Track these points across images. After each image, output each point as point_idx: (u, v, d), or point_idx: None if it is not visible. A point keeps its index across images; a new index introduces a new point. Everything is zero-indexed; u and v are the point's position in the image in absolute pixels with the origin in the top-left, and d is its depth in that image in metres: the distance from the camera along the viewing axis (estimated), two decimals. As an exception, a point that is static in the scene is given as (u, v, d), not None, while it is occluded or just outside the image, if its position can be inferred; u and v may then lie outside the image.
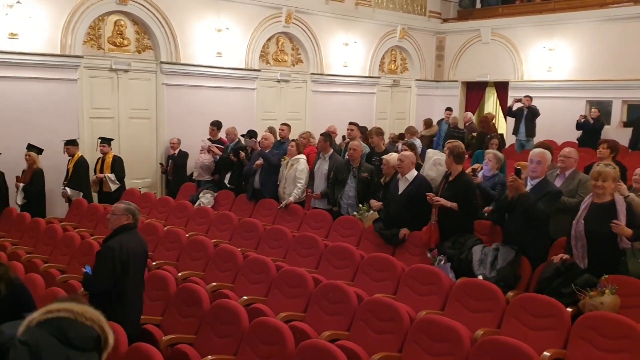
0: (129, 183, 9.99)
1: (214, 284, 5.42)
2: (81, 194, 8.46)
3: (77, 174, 8.50)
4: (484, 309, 4.52)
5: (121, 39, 9.85)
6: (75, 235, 6.60)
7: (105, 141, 8.91)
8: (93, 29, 9.50)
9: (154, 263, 6.04)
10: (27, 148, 8.24)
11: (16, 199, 8.17)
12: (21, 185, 8.12)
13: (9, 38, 8.50)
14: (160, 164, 10.33)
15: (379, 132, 8.06)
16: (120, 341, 3.76)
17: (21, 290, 3.33)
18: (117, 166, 8.81)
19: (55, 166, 8.56)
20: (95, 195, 8.93)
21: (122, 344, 3.76)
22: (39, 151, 8.31)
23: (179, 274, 5.64)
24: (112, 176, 8.71)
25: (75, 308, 2.78)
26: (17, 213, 7.80)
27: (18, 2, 8.45)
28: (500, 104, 14.75)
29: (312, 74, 12.52)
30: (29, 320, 2.75)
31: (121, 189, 8.79)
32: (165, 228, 7.08)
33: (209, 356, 3.96)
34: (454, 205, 5.62)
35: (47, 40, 8.86)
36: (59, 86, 9.06)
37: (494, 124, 12.54)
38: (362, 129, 9.15)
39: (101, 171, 8.75)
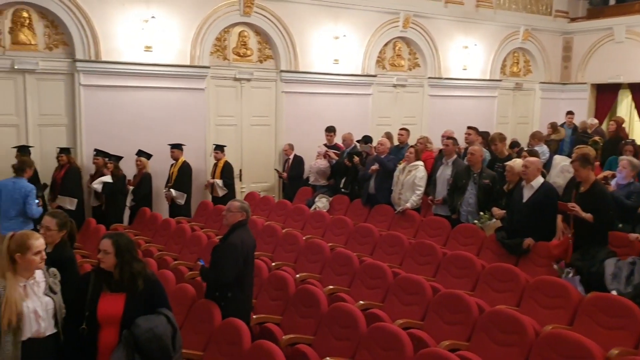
0: (250, 187, 10.44)
1: (331, 287, 5.48)
2: (185, 195, 8.82)
3: (181, 178, 8.86)
4: (618, 327, 4.18)
5: (245, 50, 10.30)
6: (202, 235, 6.97)
7: (219, 148, 9.28)
8: (219, 41, 10.01)
9: (273, 263, 6.22)
10: (137, 154, 8.77)
11: (126, 200, 8.74)
12: (130, 188, 8.71)
13: (145, 51, 9.18)
14: (276, 169, 10.64)
15: (502, 138, 7.75)
16: (243, 338, 3.91)
17: (157, 285, 3.55)
18: (226, 172, 9.15)
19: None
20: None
21: (245, 341, 3.90)
22: (148, 157, 8.82)
23: (297, 275, 5.76)
24: (220, 182, 9.08)
25: None
26: (150, 213, 8.38)
27: (153, 17, 9.12)
28: (636, 107, 13.61)
29: (429, 78, 12.33)
30: None
31: (230, 195, 8.95)
32: (284, 230, 7.28)
33: (328, 358, 3.99)
34: (588, 216, 5.27)
35: (178, 52, 9.48)
36: (188, 95, 9.64)
37: (623, 129, 11.62)
38: (484, 134, 8.84)
39: (213, 177, 9.15)
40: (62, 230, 3.99)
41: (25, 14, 8.44)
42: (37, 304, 3.22)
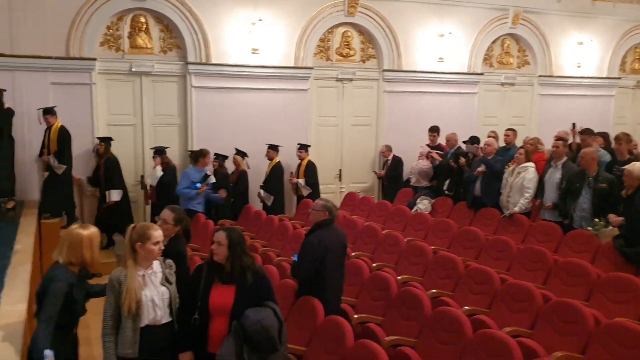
0: (349, 187, 10.47)
1: (434, 290, 5.35)
2: (272, 197, 8.98)
3: (272, 178, 9.07)
4: None
5: (347, 50, 10.34)
6: (303, 233, 7.05)
7: (303, 147, 9.35)
8: (323, 41, 10.12)
9: (374, 264, 6.18)
10: (235, 153, 9.03)
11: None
12: (230, 185, 8.89)
13: (252, 53, 9.47)
14: (373, 171, 10.58)
15: (629, 139, 7.17)
16: (346, 336, 3.91)
17: (265, 279, 3.64)
18: (309, 172, 9.19)
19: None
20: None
21: (348, 339, 3.90)
22: (243, 155, 9.06)
23: (399, 277, 5.68)
24: (302, 181, 9.15)
25: None
26: (254, 210, 8.62)
27: (260, 20, 9.38)
28: None
29: (539, 76, 11.75)
30: None
31: (314, 194, 8.99)
32: (384, 232, 7.22)
33: (431, 362, 3.90)
34: None
35: (283, 54, 9.69)
36: (292, 96, 9.83)
37: None
38: (604, 135, 8.27)
39: (297, 176, 9.24)
40: (177, 225, 4.16)
41: (142, 19, 8.97)
42: (154, 293, 3.40)
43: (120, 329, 3.33)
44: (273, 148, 9.16)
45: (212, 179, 8.32)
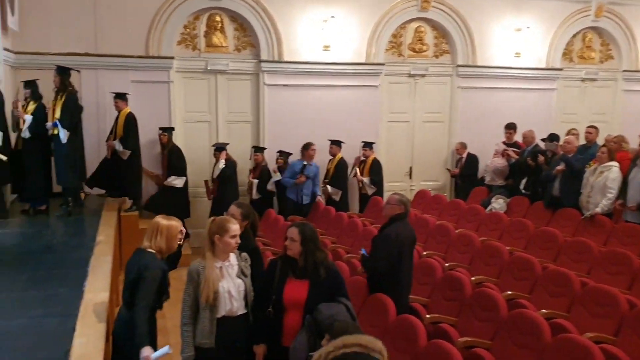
0: (420, 185, 10.32)
1: (510, 292, 5.19)
2: (340, 192, 8.95)
3: (337, 174, 9.04)
4: None
5: (420, 45, 10.19)
6: (373, 230, 7.01)
7: (367, 145, 9.26)
8: (395, 37, 10.02)
9: (447, 264, 6.06)
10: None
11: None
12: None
13: (323, 50, 9.50)
14: (447, 169, 10.38)
15: None
16: (419, 336, 3.85)
17: (337, 275, 3.64)
18: (374, 170, 9.07)
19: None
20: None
21: (421, 339, 3.84)
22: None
23: (473, 278, 5.54)
24: (366, 180, 9.05)
25: (364, 341, 2.92)
26: (323, 206, 8.65)
27: (332, 17, 9.39)
28: None
29: (624, 71, 11.15)
30: (325, 353, 2.98)
31: (378, 194, 8.92)
32: (457, 231, 7.07)
33: (508, 366, 3.78)
34: None
35: (354, 51, 9.66)
36: (362, 92, 9.79)
37: None
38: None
39: (362, 174, 9.14)
40: (245, 221, 4.16)
41: (218, 18, 9.18)
42: (231, 285, 3.47)
43: (198, 319, 3.42)
44: (336, 144, 9.18)
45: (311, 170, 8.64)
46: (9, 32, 7.68)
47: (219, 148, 8.75)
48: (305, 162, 8.60)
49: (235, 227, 3.49)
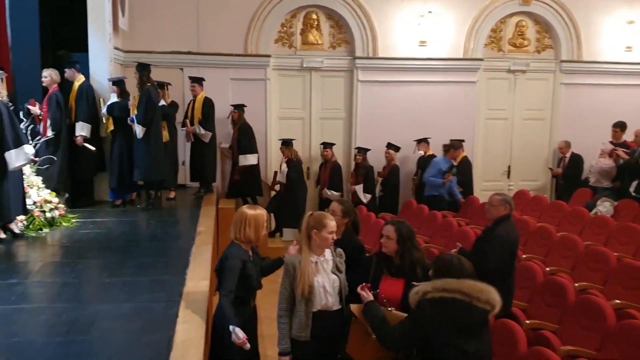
0: (518, 185, 9.93)
1: (618, 301, 4.86)
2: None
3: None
4: None
5: (521, 40, 9.80)
6: (469, 231, 6.82)
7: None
8: (494, 32, 9.70)
9: (547, 268, 5.78)
10: (387, 146, 8.97)
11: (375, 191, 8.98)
12: (380, 179, 8.92)
13: (419, 45, 9.37)
14: (550, 168, 9.90)
15: None
16: (519, 342, 3.71)
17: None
18: (462, 170, 8.74)
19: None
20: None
21: (521, 345, 3.70)
22: (397, 149, 8.97)
23: (576, 284, 5.25)
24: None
25: (468, 288, 2.82)
26: (416, 205, 8.52)
27: (429, 12, 9.23)
28: None
29: None
30: (423, 292, 2.92)
31: (466, 195, 8.62)
32: (559, 234, 6.72)
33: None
34: None
35: (451, 46, 9.45)
36: (459, 89, 9.56)
37: None
38: None
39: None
40: (345, 217, 4.15)
41: (314, 16, 9.29)
42: (326, 280, 3.49)
43: (294, 312, 3.47)
44: (423, 142, 9.05)
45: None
46: (119, 32, 8.17)
47: (286, 143, 8.81)
48: (453, 162, 8.31)
49: (332, 224, 3.50)
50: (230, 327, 3.21)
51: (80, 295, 4.19)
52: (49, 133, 6.82)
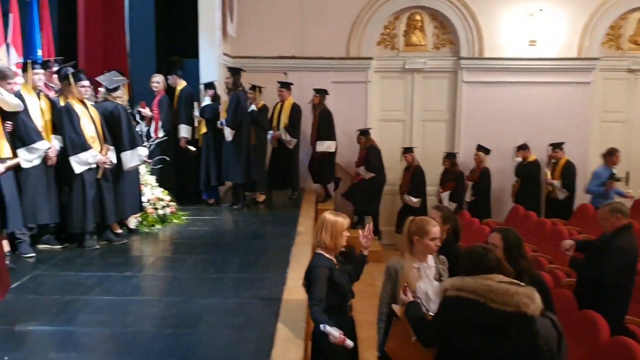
0: (638, 193, 9.21)
1: None
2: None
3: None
4: None
5: (644, 37, 9.12)
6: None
7: (557, 146, 8.44)
8: (613, 29, 9.08)
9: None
10: (476, 148, 8.62)
11: (465, 195, 8.66)
12: (470, 183, 8.59)
13: (529, 45, 8.97)
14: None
15: None
16: (601, 331, 3.69)
17: (543, 286, 3.36)
18: (567, 173, 8.23)
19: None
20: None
21: (603, 334, 3.66)
22: (487, 151, 8.59)
23: None
24: (557, 183, 8.24)
25: (483, 289, 2.64)
26: (523, 212, 8.14)
27: (540, 10, 8.80)
28: None
29: None
30: (443, 289, 2.79)
31: (570, 198, 8.21)
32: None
33: None
34: None
35: (563, 45, 8.96)
36: (570, 90, 9.04)
37: None
38: None
39: (552, 177, 8.35)
40: (446, 225, 3.98)
41: (418, 17, 9.17)
42: (429, 287, 3.40)
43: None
44: (523, 148, 8.61)
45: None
46: (227, 38, 8.50)
47: (364, 132, 8.66)
48: (613, 170, 7.84)
49: (435, 230, 3.41)
50: (321, 326, 3.12)
51: (188, 289, 4.40)
52: (160, 134, 7.25)
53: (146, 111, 7.38)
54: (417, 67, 9.21)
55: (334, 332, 3.10)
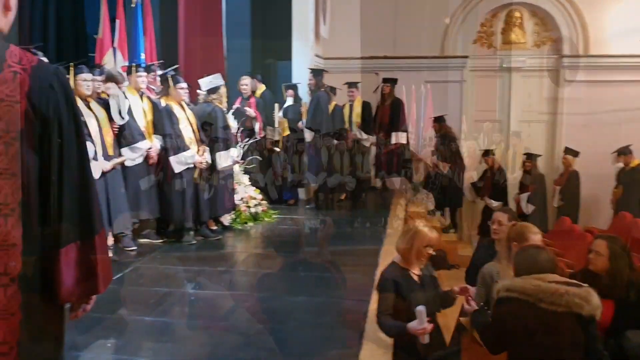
0: None
1: None
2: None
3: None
4: None
5: None
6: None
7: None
8: None
9: None
10: (564, 151, 8.14)
11: (553, 200, 8.17)
12: (558, 187, 8.11)
13: (640, 41, 8.37)
14: None
15: None
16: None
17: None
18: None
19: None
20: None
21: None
22: (575, 154, 8.07)
23: None
24: None
25: (532, 289, 2.55)
26: (630, 219, 7.57)
27: (653, 2, 8.21)
28: None
29: None
30: (497, 291, 2.64)
31: None
32: None
33: None
34: None
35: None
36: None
37: None
38: None
39: None
40: None
41: (517, 14, 8.83)
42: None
43: (487, 323, 3.29)
44: (625, 152, 7.94)
45: None
46: (320, 40, 8.57)
47: (438, 119, 8.27)
48: None
49: (536, 238, 3.24)
50: (419, 307, 2.84)
51: (278, 286, 4.47)
52: (262, 134, 7.45)
53: (251, 110, 7.55)
54: (515, 65, 8.86)
55: (422, 317, 2.85)
